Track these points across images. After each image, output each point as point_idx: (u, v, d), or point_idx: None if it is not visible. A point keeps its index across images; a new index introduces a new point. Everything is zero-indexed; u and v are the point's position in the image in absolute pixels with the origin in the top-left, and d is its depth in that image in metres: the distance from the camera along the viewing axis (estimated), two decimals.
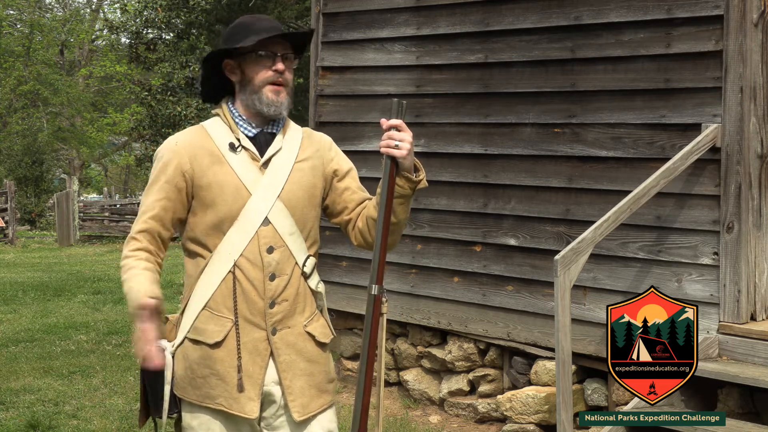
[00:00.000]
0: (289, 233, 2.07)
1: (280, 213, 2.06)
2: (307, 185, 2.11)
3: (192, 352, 2.06)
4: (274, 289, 2.05)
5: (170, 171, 2.06)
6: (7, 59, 27.81)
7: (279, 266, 2.05)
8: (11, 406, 4.92)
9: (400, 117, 1.99)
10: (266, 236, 2.05)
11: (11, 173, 21.56)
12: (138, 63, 15.99)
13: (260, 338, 2.05)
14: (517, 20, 4.34)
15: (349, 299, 5.03)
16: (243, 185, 2.05)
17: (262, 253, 2.04)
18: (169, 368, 2.05)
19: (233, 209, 2.04)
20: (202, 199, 2.05)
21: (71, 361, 6.08)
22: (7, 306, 8.77)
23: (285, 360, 2.06)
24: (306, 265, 2.09)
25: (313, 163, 2.14)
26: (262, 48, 2.04)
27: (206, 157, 2.06)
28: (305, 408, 2.08)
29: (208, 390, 2.05)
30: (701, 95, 3.74)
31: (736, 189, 3.64)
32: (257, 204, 2.04)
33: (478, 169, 4.51)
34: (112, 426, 4.47)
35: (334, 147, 2.21)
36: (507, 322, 4.39)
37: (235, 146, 2.06)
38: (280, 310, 2.06)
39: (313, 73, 5.23)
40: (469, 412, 4.58)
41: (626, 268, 3.95)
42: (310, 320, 2.11)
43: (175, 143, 2.09)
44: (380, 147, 2.00)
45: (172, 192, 2.05)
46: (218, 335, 2.04)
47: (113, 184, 35.97)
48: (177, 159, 2.06)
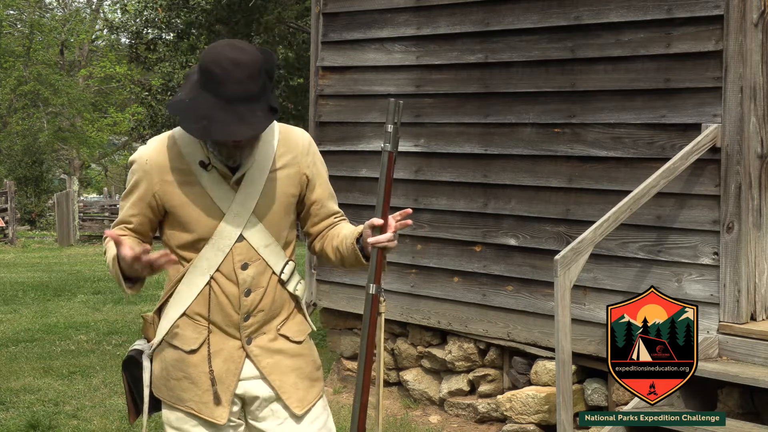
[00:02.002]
0: (265, 245, 2.05)
1: (254, 228, 2.04)
2: (282, 195, 2.07)
3: (168, 355, 2.09)
4: (250, 304, 2.05)
5: (141, 190, 2.04)
6: (8, 59, 27.83)
7: (254, 281, 2.05)
8: (11, 406, 4.92)
9: (397, 117, 1.99)
10: (241, 252, 2.03)
11: (11, 173, 21.57)
12: (138, 63, 16.01)
13: (235, 347, 2.07)
14: (517, 20, 4.34)
15: (349, 299, 5.03)
16: (215, 204, 2.01)
17: (237, 270, 2.03)
18: (147, 371, 2.09)
19: (207, 229, 2.02)
20: (175, 218, 2.04)
21: (71, 361, 6.09)
22: (7, 306, 8.77)
23: (269, 363, 2.08)
24: (284, 272, 2.08)
25: (289, 172, 2.08)
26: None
27: (177, 176, 2.02)
28: (303, 401, 2.11)
29: (179, 392, 2.07)
30: (701, 95, 3.74)
31: (736, 189, 3.64)
32: (230, 222, 2.01)
33: (478, 169, 4.51)
34: (112, 426, 4.47)
35: (311, 149, 2.12)
36: (507, 322, 4.39)
37: (206, 164, 2.01)
38: (255, 321, 2.07)
39: (313, 73, 5.23)
40: (469, 412, 4.58)
41: (626, 268, 3.95)
42: (283, 323, 2.11)
43: (145, 161, 2.03)
44: (372, 243, 1.98)
45: (146, 209, 2.05)
46: (194, 343, 2.05)
47: (113, 184, 35.97)
48: (147, 179, 2.03)
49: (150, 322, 2.13)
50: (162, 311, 2.11)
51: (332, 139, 5.04)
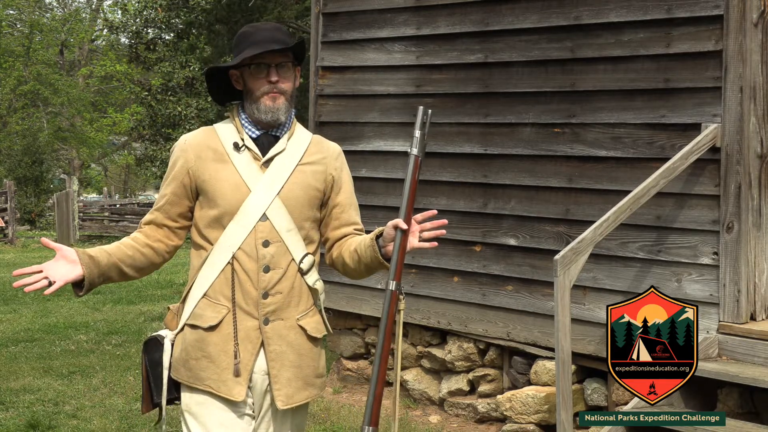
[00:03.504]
0: (287, 230, 2.16)
1: (279, 210, 2.16)
2: (308, 186, 2.20)
3: (189, 336, 2.16)
4: (268, 281, 2.14)
5: (177, 168, 2.21)
6: (8, 59, 27.82)
7: (274, 259, 2.14)
8: (11, 405, 4.92)
9: (426, 123, 2.11)
10: (263, 231, 2.14)
11: (11, 173, 21.57)
12: (138, 63, 15.99)
13: (252, 327, 2.14)
14: (516, 20, 4.34)
15: (349, 299, 5.04)
16: (243, 182, 2.15)
17: (258, 246, 2.14)
18: (167, 354, 2.17)
19: (233, 204, 2.14)
20: (205, 194, 2.18)
21: (71, 360, 6.09)
22: (6, 306, 8.78)
23: (275, 350, 2.15)
24: (303, 262, 2.18)
25: (317, 168, 2.23)
26: (254, 61, 2.15)
27: (210, 154, 2.19)
28: (290, 398, 2.16)
29: (198, 372, 2.14)
30: (701, 95, 3.74)
31: (736, 189, 3.64)
32: (256, 200, 2.15)
33: (477, 169, 4.51)
34: (112, 426, 4.47)
35: (341, 158, 2.30)
36: (507, 321, 4.39)
37: (239, 146, 2.18)
38: (273, 301, 2.14)
39: (313, 73, 5.23)
40: (469, 411, 4.58)
41: (626, 267, 3.95)
42: (304, 315, 2.20)
43: (184, 142, 2.23)
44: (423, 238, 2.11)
45: (179, 188, 2.20)
46: (214, 320, 2.13)
47: (113, 184, 35.98)
48: (184, 156, 2.20)
49: (175, 312, 2.22)
50: (185, 300, 2.20)
51: (332, 139, 4.97)
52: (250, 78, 2.17)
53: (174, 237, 2.24)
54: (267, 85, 2.15)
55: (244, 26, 2.25)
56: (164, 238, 2.22)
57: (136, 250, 2.19)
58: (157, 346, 2.18)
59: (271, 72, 2.15)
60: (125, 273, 2.18)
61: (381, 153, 4.88)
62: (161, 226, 2.22)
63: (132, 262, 2.17)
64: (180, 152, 2.21)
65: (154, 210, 2.23)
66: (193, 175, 2.18)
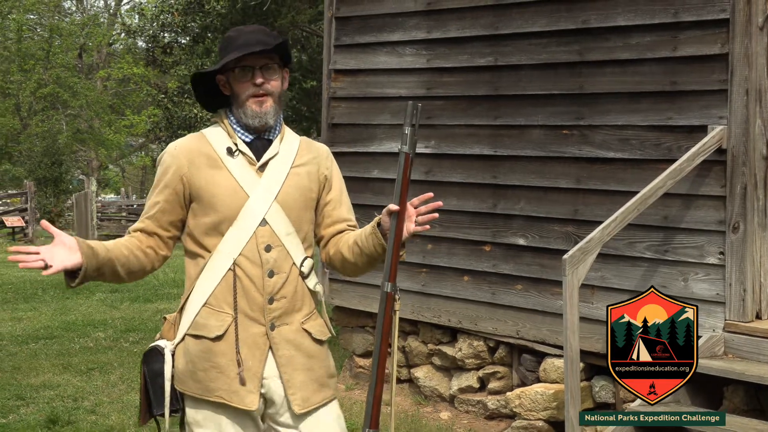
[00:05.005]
0: (286, 233, 2.14)
1: (277, 214, 2.13)
2: (303, 188, 2.18)
3: (193, 347, 2.11)
4: (273, 286, 2.11)
5: (170, 175, 2.14)
6: (28, 62, 28.14)
7: (277, 264, 2.12)
8: (31, 401, 5.02)
9: (415, 119, 2.02)
10: (264, 236, 2.11)
11: (31, 174, 21.79)
12: (155, 66, 16.15)
13: (259, 333, 2.11)
14: (526, 24, 4.39)
15: (362, 298, 5.11)
16: (240, 187, 2.12)
17: (260, 251, 2.10)
18: (168, 365, 2.11)
19: (232, 210, 2.11)
20: (200, 201, 2.12)
21: (89, 357, 6.19)
22: (27, 304, 8.92)
23: (284, 355, 2.12)
24: (304, 266, 2.16)
25: (310, 169, 2.21)
26: (237, 64, 2.11)
27: (204, 160, 2.13)
28: (306, 401, 2.13)
29: (208, 383, 2.09)
30: (707, 98, 3.78)
31: (742, 190, 3.68)
32: (255, 205, 2.11)
33: (487, 170, 4.57)
34: (130, 422, 4.56)
35: (331, 157, 2.28)
36: (516, 320, 4.45)
37: (233, 150, 2.13)
38: (278, 306, 2.12)
39: (325, 76, 5.30)
40: (479, 408, 4.64)
41: (633, 267, 3.99)
42: (307, 318, 2.17)
43: (174, 148, 2.17)
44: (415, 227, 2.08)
45: (171, 195, 2.14)
46: (219, 329, 2.09)
47: (130, 184, 36.22)
48: (176, 163, 2.14)
49: (172, 322, 2.18)
50: (183, 310, 2.16)
51: (344, 140, 5.12)
52: (236, 82, 2.12)
53: (164, 247, 2.18)
54: (252, 87, 2.10)
55: (229, 30, 2.22)
56: (155, 247, 2.16)
57: (131, 251, 2.13)
58: (157, 357, 2.13)
59: (256, 74, 2.10)
60: (117, 273, 2.11)
61: (392, 154, 4.94)
62: (152, 235, 2.16)
63: (126, 262, 2.11)
64: (171, 159, 2.14)
65: (145, 218, 2.16)
66: (187, 182, 2.12)
